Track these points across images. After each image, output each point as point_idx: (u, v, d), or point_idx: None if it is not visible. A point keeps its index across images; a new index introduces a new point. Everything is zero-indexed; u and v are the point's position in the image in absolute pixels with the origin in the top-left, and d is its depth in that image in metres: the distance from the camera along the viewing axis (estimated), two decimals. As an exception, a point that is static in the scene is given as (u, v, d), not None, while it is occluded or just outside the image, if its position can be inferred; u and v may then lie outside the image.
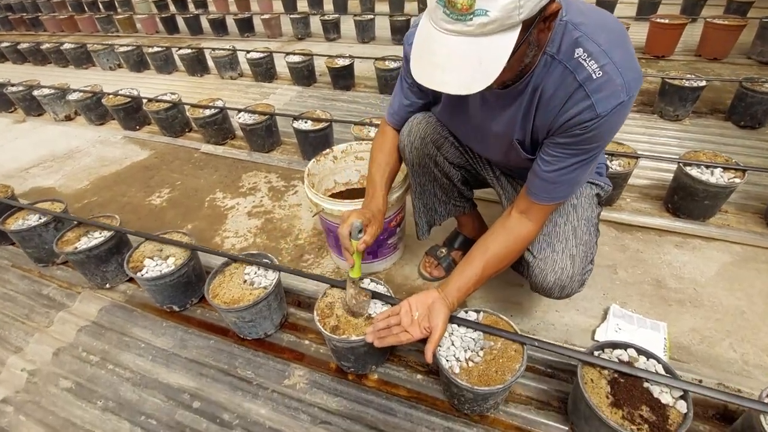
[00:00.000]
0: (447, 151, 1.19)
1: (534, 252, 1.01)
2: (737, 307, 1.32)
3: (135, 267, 1.33)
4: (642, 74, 0.76)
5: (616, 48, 0.73)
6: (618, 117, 0.76)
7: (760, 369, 1.15)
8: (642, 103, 2.60)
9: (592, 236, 1.04)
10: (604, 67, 0.72)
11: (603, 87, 0.73)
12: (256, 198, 2.04)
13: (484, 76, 0.66)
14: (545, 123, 0.84)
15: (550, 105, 0.81)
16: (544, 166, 0.87)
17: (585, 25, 0.74)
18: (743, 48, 3.17)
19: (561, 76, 0.77)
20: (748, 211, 1.68)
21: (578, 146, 0.81)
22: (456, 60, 0.66)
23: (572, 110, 0.77)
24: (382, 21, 4.23)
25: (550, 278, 0.99)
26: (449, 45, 0.65)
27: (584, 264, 1.01)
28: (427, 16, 0.69)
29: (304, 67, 3.13)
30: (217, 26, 4.79)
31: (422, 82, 0.71)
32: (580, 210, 1.03)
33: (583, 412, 0.93)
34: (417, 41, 0.72)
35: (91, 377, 1.27)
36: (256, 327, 1.26)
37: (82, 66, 4.25)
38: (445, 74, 0.68)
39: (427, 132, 1.15)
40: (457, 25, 0.63)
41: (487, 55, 0.65)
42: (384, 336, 0.98)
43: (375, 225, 1.08)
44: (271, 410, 1.13)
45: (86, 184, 2.30)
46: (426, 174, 1.26)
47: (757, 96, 2.14)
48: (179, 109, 2.58)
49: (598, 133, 0.77)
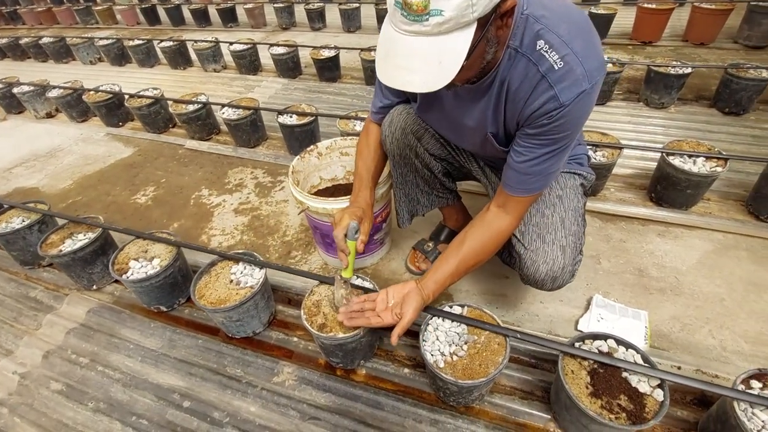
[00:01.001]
0: (427, 143, 1.20)
1: (525, 244, 1.03)
2: (717, 295, 1.35)
3: (120, 269, 1.32)
4: (605, 62, 0.78)
5: (577, 38, 0.74)
6: (582, 105, 0.77)
7: (738, 355, 1.19)
8: (628, 91, 2.61)
9: (580, 226, 1.06)
10: (565, 57, 0.73)
11: (565, 77, 0.74)
12: (242, 195, 2.03)
13: (445, 73, 0.68)
14: (514, 115, 0.86)
15: (517, 97, 0.82)
16: (516, 158, 0.88)
17: (546, 18, 0.75)
18: (730, 32, 3.18)
19: (525, 68, 0.78)
20: (730, 198, 1.70)
21: (546, 136, 0.82)
22: (417, 60, 0.68)
23: (537, 101, 0.78)
24: (368, 9, 4.17)
25: (542, 270, 1.01)
26: (409, 45, 0.68)
27: (574, 254, 1.02)
28: (388, 19, 0.71)
29: (288, 59, 3.09)
30: (199, 16, 4.69)
31: (386, 82, 0.73)
32: (566, 201, 1.05)
33: (564, 402, 0.95)
34: (380, 43, 0.73)
35: (82, 379, 1.27)
36: (244, 326, 1.26)
37: (62, 60, 4.16)
38: (407, 74, 0.70)
39: (407, 123, 1.16)
40: (415, 25, 0.65)
41: (446, 54, 0.67)
42: (355, 317, 1.01)
43: (367, 221, 1.11)
44: (261, 407, 1.14)
45: (70, 184, 2.27)
46: (407, 165, 1.26)
47: (741, 82, 2.15)
48: (162, 105, 2.53)
49: (565, 123, 0.79)
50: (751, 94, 2.17)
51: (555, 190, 1.06)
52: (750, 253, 1.48)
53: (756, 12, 2.94)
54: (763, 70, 2.15)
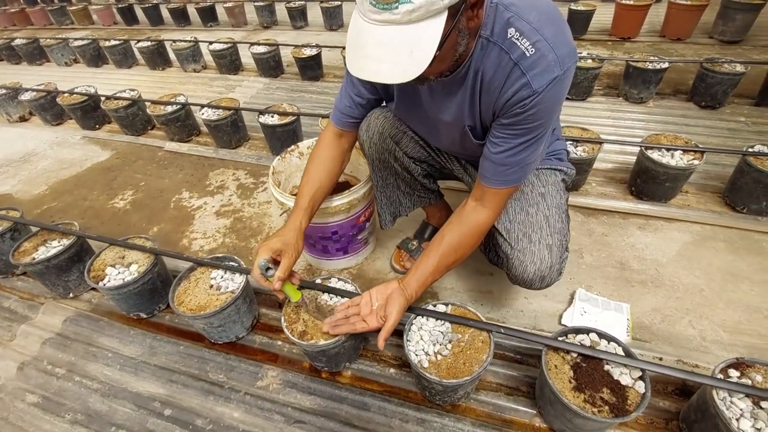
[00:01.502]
0: (406, 146, 1.19)
1: (512, 243, 1.02)
2: (696, 286, 1.37)
3: (96, 276, 1.28)
4: (576, 49, 0.77)
5: (547, 25, 0.74)
6: (555, 92, 0.77)
7: (717, 344, 1.21)
8: (608, 87, 2.65)
9: (565, 223, 1.06)
10: (536, 44, 0.73)
11: (537, 63, 0.74)
12: (224, 196, 1.99)
13: (416, 64, 0.66)
14: (490, 105, 0.85)
15: (491, 87, 0.82)
16: (493, 149, 0.87)
17: (515, 6, 0.75)
18: (706, 27, 3.24)
19: (497, 57, 0.78)
20: (707, 190, 1.74)
21: (522, 125, 0.82)
22: (387, 50, 0.66)
23: (511, 89, 0.78)
24: (350, 7, 4.12)
25: (530, 270, 1.01)
26: (379, 35, 0.66)
27: (561, 252, 1.02)
28: (356, 9, 0.69)
29: (270, 58, 3.05)
30: (178, 16, 4.60)
31: (355, 74, 0.71)
32: (549, 198, 1.04)
33: (548, 396, 0.95)
34: (350, 35, 0.71)
35: (58, 390, 1.23)
36: (226, 331, 1.24)
37: (35, 62, 4.03)
38: (376, 65, 0.68)
39: (385, 127, 1.14)
40: (384, 14, 0.63)
41: (417, 43, 0.65)
42: (339, 324, 1.00)
43: (289, 253, 1.00)
44: (245, 413, 1.12)
45: (45, 189, 2.20)
46: (386, 168, 1.25)
47: (717, 77, 2.19)
48: (140, 107, 2.47)
49: (538, 110, 0.78)
50: (726, 88, 2.22)
51: (537, 188, 1.05)
52: (727, 244, 1.51)
53: (729, 8, 3.01)
54: (737, 64, 2.19)
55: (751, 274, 1.40)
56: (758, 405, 0.86)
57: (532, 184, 1.06)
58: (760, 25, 3.14)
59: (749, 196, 1.55)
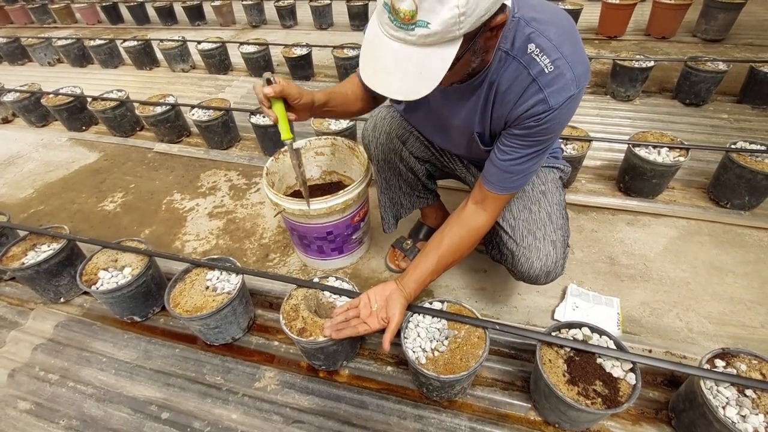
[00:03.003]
0: (412, 146, 1.20)
1: (517, 240, 1.04)
2: (683, 279, 1.41)
3: (89, 280, 1.27)
4: (590, 66, 0.79)
5: (566, 43, 0.75)
6: (569, 109, 0.79)
7: (703, 335, 1.25)
8: (596, 85, 2.69)
9: (565, 220, 1.08)
10: (555, 61, 0.74)
11: (555, 81, 0.75)
12: (216, 198, 1.98)
13: (424, 84, 0.67)
14: (502, 116, 0.86)
15: (506, 99, 0.83)
16: (501, 155, 0.89)
17: (536, 21, 0.76)
18: (689, 26, 3.31)
19: (515, 71, 0.79)
20: (692, 186, 1.78)
21: (533, 137, 0.84)
22: (398, 67, 0.68)
23: (527, 103, 0.79)
24: (340, 6, 4.13)
25: (536, 266, 1.02)
26: (393, 50, 0.67)
27: (564, 248, 1.05)
28: (376, 16, 0.69)
29: (260, 58, 3.03)
30: (164, 15, 4.53)
31: (367, 83, 0.73)
32: (549, 196, 1.07)
33: (543, 390, 0.98)
34: (366, 38, 0.72)
35: (52, 396, 1.22)
36: (223, 333, 1.24)
37: (17, 62, 3.94)
38: (388, 79, 0.69)
39: (392, 127, 1.15)
40: (401, 32, 0.64)
41: (428, 66, 0.66)
42: (342, 329, 1.01)
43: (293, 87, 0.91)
44: (243, 414, 1.12)
45: (31, 192, 2.16)
46: (391, 169, 1.26)
47: (700, 75, 2.25)
48: (128, 107, 2.44)
49: (551, 125, 0.80)
50: (710, 86, 2.27)
51: (538, 186, 1.08)
52: (712, 238, 1.55)
53: (712, 7, 3.08)
54: (720, 62, 2.25)
55: (735, 266, 1.44)
56: (743, 393, 0.90)
57: (532, 182, 1.08)
58: (741, 23, 3.22)
59: (732, 191, 1.60)
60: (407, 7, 0.60)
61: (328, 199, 1.25)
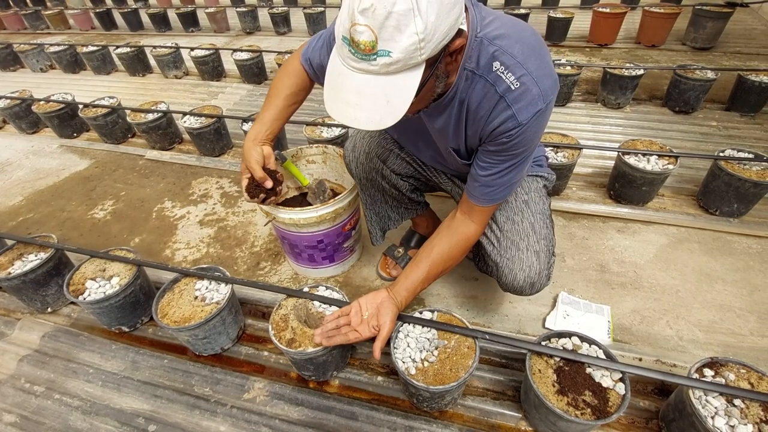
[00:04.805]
0: (393, 164, 1.20)
1: (501, 252, 1.04)
2: (673, 287, 1.42)
3: (76, 290, 1.25)
4: (557, 80, 0.80)
5: (531, 58, 0.76)
6: (539, 122, 0.80)
7: (693, 343, 1.25)
8: (587, 92, 2.71)
9: (549, 229, 1.08)
10: (521, 78, 0.75)
11: (522, 97, 0.76)
12: (207, 205, 1.97)
13: (392, 113, 0.68)
14: (476, 132, 0.87)
15: (477, 116, 0.84)
16: (481, 171, 0.90)
17: (500, 39, 0.76)
18: (678, 35, 3.36)
19: (483, 89, 0.79)
20: (682, 194, 1.80)
21: (507, 152, 0.84)
22: (365, 98, 0.68)
23: (496, 120, 0.80)
24: (334, 13, 4.15)
25: (519, 277, 1.03)
26: (357, 83, 0.67)
27: (548, 258, 1.05)
28: (336, 51, 0.70)
29: (253, 65, 3.03)
30: (158, 21, 4.53)
31: (334, 116, 0.73)
32: (532, 205, 1.07)
33: (533, 400, 0.97)
34: (329, 73, 0.72)
35: (37, 409, 1.20)
36: (212, 343, 1.22)
37: (8, 68, 3.92)
38: (354, 111, 0.70)
39: (371, 146, 1.16)
40: (363, 63, 0.64)
41: (394, 93, 0.67)
42: (332, 336, 1.00)
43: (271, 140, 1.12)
44: (231, 426, 1.11)
45: (20, 200, 2.13)
46: (374, 187, 1.27)
47: (689, 83, 2.27)
48: (119, 114, 2.43)
49: (523, 139, 0.81)
50: (698, 94, 2.30)
51: (521, 196, 1.08)
52: (701, 245, 1.56)
53: (700, 16, 3.13)
54: (708, 71, 2.28)
55: (724, 274, 1.45)
56: (731, 403, 0.90)
57: (516, 192, 1.08)
58: (729, 32, 3.27)
59: (721, 198, 1.61)
60: (367, 38, 0.61)
61: (319, 208, 1.24)
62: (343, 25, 0.63)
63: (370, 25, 0.59)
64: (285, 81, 1.11)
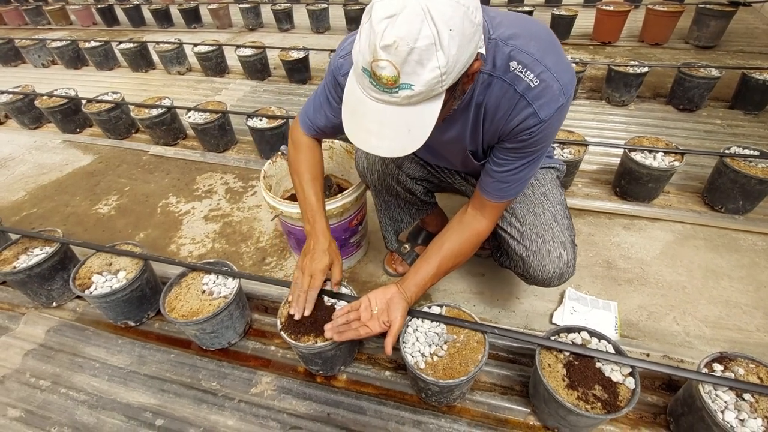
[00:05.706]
0: (408, 168, 1.20)
1: (527, 245, 1.04)
2: (679, 283, 1.42)
3: (82, 285, 1.25)
4: (575, 74, 0.80)
5: (548, 54, 0.75)
6: (559, 118, 0.79)
7: (700, 339, 1.25)
8: (591, 90, 2.71)
9: (569, 219, 1.09)
10: (540, 75, 0.74)
11: (542, 94, 0.75)
12: (212, 201, 1.97)
13: (414, 141, 0.69)
14: (495, 133, 0.87)
15: (495, 117, 0.83)
16: (496, 168, 0.90)
17: (514, 38, 0.75)
18: (682, 33, 3.36)
19: (501, 90, 0.79)
20: (687, 191, 1.80)
21: (526, 149, 0.84)
22: (386, 128, 0.68)
23: (517, 118, 0.79)
24: (337, 10, 4.14)
25: (549, 269, 1.03)
26: (378, 112, 0.67)
27: (573, 247, 1.05)
28: (355, 80, 0.69)
29: (256, 61, 3.02)
30: (160, 17, 4.52)
31: (355, 143, 0.73)
32: (551, 197, 1.07)
33: (542, 395, 0.97)
34: (347, 98, 0.72)
35: (43, 403, 1.19)
36: (219, 337, 1.22)
37: (10, 64, 3.90)
38: (376, 140, 0.70)
39: None
40: (384, 95, 0.64)
41: (416, 123, 0.67)
42: (343, 331, 0.99)
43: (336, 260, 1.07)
44: (239, 420, 1.11)
45: (23, 195, 2.13)
46: (388, 192, 1.27)
47: (693, 80, 2.27)
48: (123, 110, 2.42)
49: (543, 136, 0.81)
50: (703, 92, 2.30)
51: (538, 188, 1.08)
52: (707, 242, 1.57)
53: (703, 14, 3.12)
54: (712, 69, 2.28)
55: (730, 270, 1.45)
56: (741, 397, 0.90)
57: (532, 185, 1.09)
58: (732, 31, 3.27)
59: (726, 196, 1.61)
60: (389, 74, 0.60)
61: (326, 202, 1.24)
62: (363, 57, 0.62)
63: (392, 61, 0.59)
64: (304, 164, 1.09)
